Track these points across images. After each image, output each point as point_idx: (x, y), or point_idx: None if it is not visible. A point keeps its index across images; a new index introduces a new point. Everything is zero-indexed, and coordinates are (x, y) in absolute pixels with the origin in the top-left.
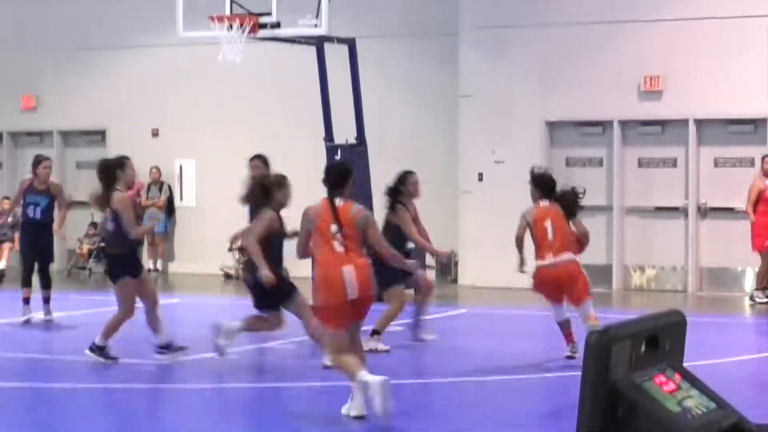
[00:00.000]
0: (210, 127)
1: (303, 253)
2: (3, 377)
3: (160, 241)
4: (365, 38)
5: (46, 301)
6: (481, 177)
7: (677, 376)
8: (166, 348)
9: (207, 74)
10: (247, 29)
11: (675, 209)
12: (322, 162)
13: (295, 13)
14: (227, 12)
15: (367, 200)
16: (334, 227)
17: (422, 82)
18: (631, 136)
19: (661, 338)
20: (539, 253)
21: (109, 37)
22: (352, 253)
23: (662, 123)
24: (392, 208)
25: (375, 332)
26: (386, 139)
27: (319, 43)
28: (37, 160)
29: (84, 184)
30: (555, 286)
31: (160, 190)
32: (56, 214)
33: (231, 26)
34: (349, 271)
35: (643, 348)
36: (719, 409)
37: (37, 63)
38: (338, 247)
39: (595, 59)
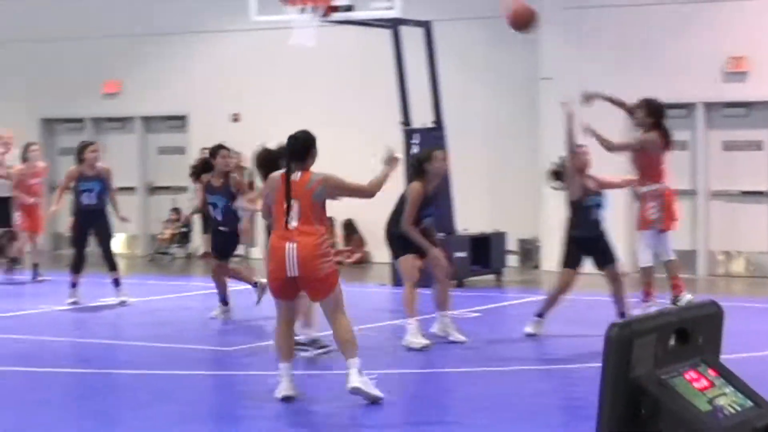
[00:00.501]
0: (289, 112)
1: (268, 215)
2: (71, 362)
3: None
4: (443, 21)
5: (117, 283)
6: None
7: (711, 372)
8: (310, 344)
9: (286, 59)
10: (320, 12)
11: (760, 193)
12: (399, 147)
13: None
14: None
15: (445, 184)
16: (294, 201)
17: (502, 65)
18: (715, 118)
19: (693, 332)
20: (657, 178)
21: (191, 22)
22: (302, 230)
23: (747, 105)
24: None
25: (539, 315)
26: (465, 122)
27: (394, 26)
28: (83, 146)
29: (165, 170)
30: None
31: (241, 175)
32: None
33: (304, 9)
34: (291, 248)
35: (672, 342)
36: (756, 408)
37: (120, 49)
38: (290, 222)
39: (678, 40)
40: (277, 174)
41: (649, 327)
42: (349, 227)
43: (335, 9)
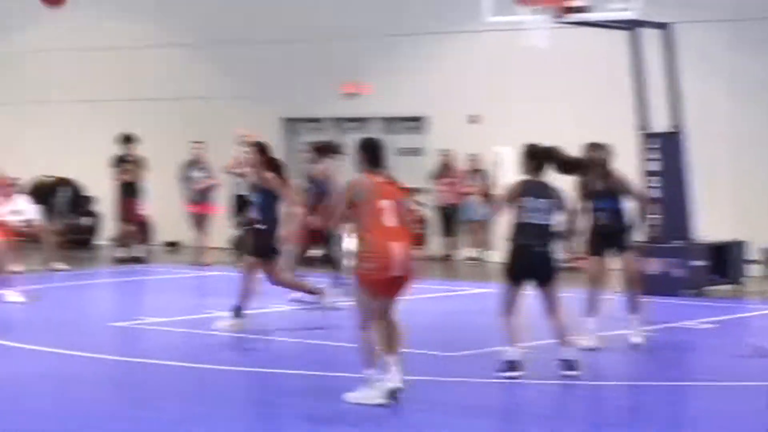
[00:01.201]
0: (525, 114)
1: (338, 222)
2: (292, 363)
3: (479, 228)
4: (683, 23)
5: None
6: None
7: None
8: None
9: (523, 60)
10: (554, 13)
11: None
12: (634, 151)
13: None
14: None
15: (683, 190)
16: (386, 202)
17: (746, 69)
18: None
19: None
20: None
21: (429, 24)
22: (400, 230)
23: None
24: None
25: None
26: (707, 128)
27: (631, 27)
28: None
29: (404, 171)
30: None
31: (478, 177)
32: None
33: (537, 10)
34: (398, 248)
35: None
36: None
37: (359, 49)
38: (388, 223)
39: None
40: (362, 178)
41: None
42: None
43: (570, 10)
